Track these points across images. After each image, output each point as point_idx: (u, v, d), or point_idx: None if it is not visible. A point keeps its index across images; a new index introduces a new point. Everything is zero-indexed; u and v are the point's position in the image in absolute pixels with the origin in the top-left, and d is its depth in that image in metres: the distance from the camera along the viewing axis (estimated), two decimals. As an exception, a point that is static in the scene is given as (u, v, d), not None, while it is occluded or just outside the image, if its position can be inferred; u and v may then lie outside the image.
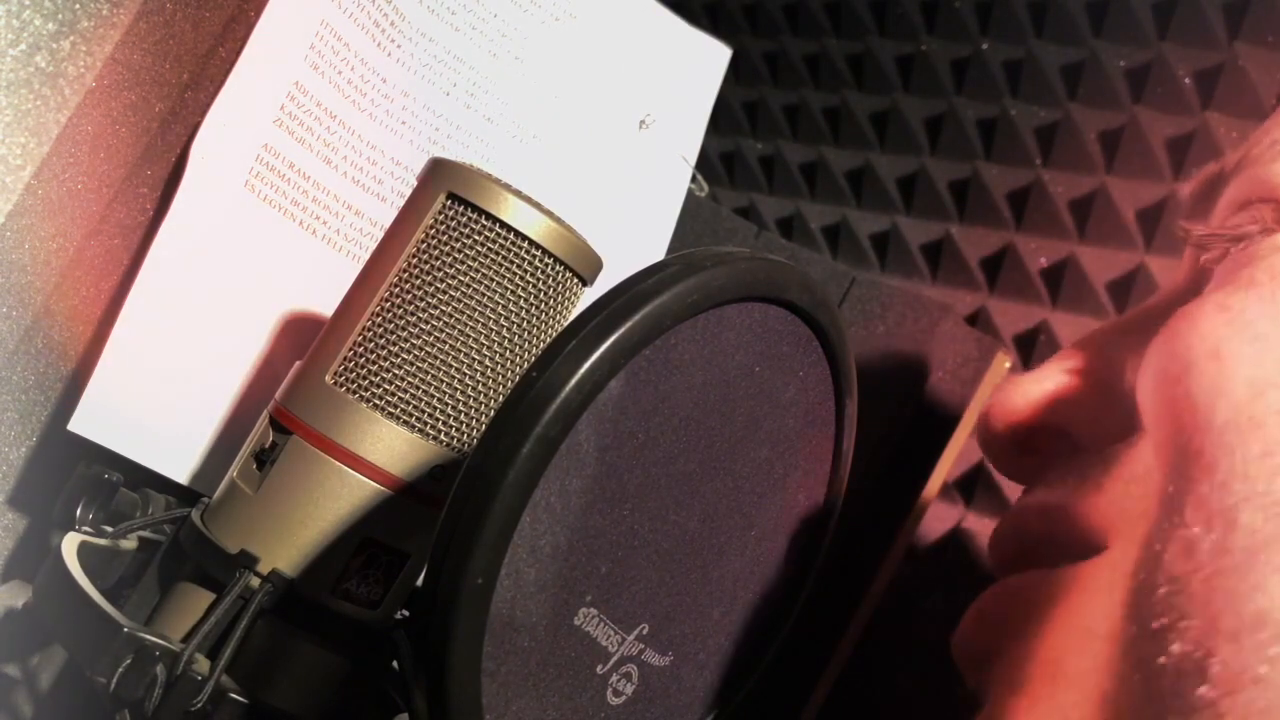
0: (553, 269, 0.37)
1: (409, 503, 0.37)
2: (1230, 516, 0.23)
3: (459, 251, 0.36)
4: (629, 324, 0.28)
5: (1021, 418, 0.33)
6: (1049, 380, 0.33)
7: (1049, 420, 0.33)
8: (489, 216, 0.36)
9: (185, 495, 0.45)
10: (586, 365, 0.27)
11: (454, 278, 0.36)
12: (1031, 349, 0.62)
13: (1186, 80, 0.59)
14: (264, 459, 0.37)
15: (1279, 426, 0.24)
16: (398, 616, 0.39)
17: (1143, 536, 0.26)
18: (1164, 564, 0.25)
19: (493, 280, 0.36)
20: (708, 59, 0.65)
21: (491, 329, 0.36)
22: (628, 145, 0.61)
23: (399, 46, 0.52)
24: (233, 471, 0.38)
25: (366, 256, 0.39)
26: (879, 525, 0.57)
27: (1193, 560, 0.24)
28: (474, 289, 0.36)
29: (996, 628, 0.31)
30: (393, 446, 0.36)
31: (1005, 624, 0.31)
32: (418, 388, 0.36)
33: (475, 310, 0.36)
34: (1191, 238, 0.31)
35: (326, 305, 0.40)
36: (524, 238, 0.36)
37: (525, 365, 0.37)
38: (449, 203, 0.37)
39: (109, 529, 0.40)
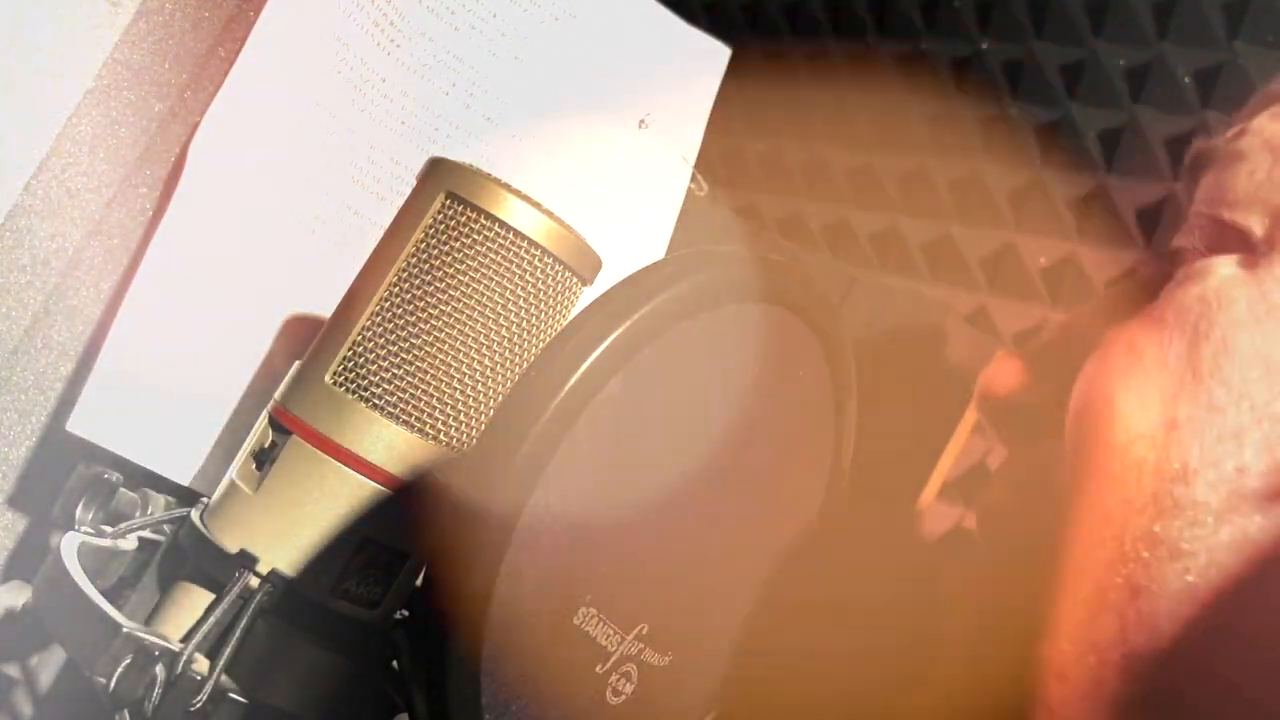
0: (552, 269, 0.37)
1: (409, 503, 0.36)
2: (1093, 551, 0.26)
3: (458, 251, 0.36)
4: (629, 324, 0.28)
5: (1002, 399, 0.35)
6: (1024, 369, 0.35)
7: (1018, 403, 0.35)
8: (488, 216, 0.36)
9: (185, 495, 0.45)
10: (586, 365, 0.27)
11: (453, 277, 0.36)
12: (1031, 349, 0.62)
13: (1186, 80, 0.59)
14: (263, 459, 0.37)
15: (1137, 477, 0.26)
16: (398, 616, 0.39)
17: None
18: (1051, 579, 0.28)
19: (492, 280, 0.36)
20: (707, 59, 0.65)
21: (491, 329, 0.36)
22: (627, 145, 0.61)
23: (399, 46, 0.52)
24: (232, 471, 0.38)
25: (366, 256, 0.39)
26: (879, 525, 0.57)
27: (1079, 591, 0.26)
28: (473, 289, 0.36)
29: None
30: (393, 446, 0.36)
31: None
32: (418, 388, 0.36)
33: (475, 310, 0.36)
34: (1143, 274, 0.33)
35: (326, 305, 0.40)
36: (524, 237, 0.36)
37: (525, 365, 0.37)
38: (448, 202, 0.37)
39: (109, 529, 0.40)
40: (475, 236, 0.36)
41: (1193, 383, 0.26)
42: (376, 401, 0.36)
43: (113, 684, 0.33)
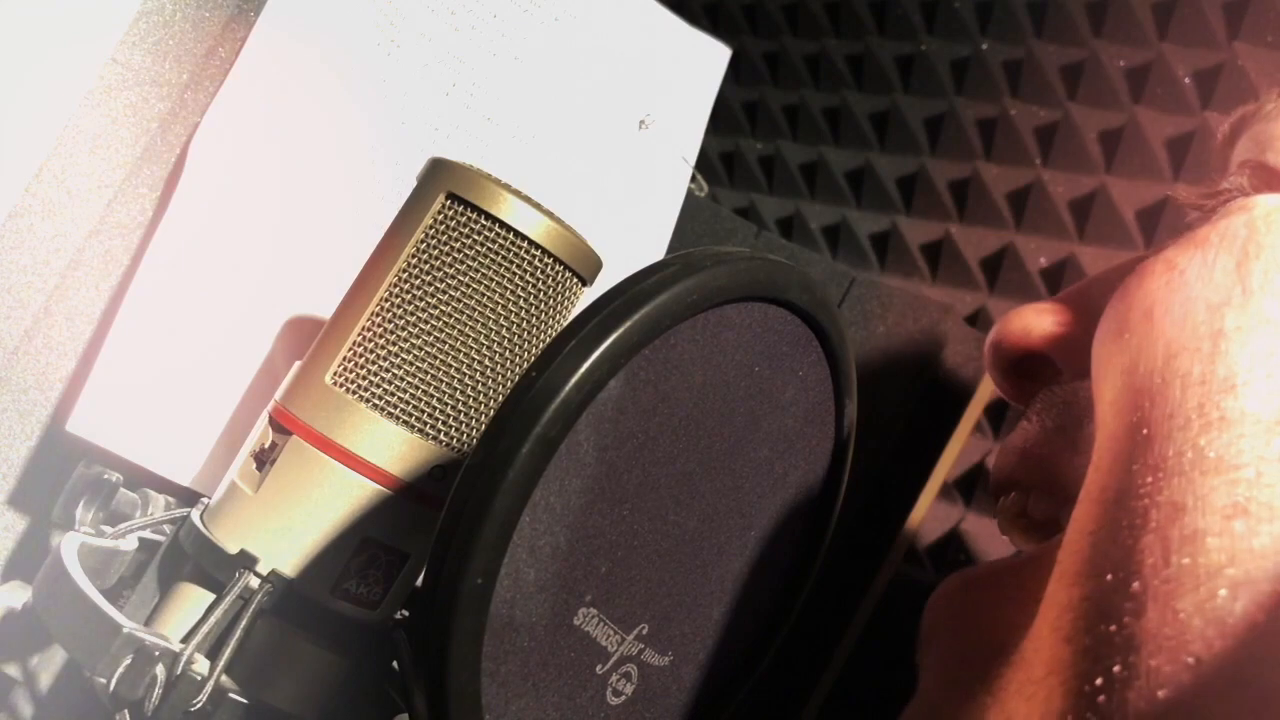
0: (553, 269, 0.37)
1: (409, 503, 0.36)
2: (1131, 478, 0.24)
3: (459, 251, 0.36)
4: (629, 324, 0.28)
5: (1017, 346, 0.34)
6: (1046, 314, 0.34)
7: (1039, 350, 0.34)
8: (489, 216, 0.36)
9: (185, 495, 0.45)
10: (586, 365, 0.27)
11: (454, 278, 0.36)
12: (1031, 349, 0.62)
13: (1186, 80, 0.59)
14: (264, 459, 0.37)
15: (1181, 389, 0.24)
16: (398, 616, 0.39)
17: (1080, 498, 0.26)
18: (1079, 524, 0.26)
19: (492, 280, 0.36)
20: (708, 59, 0.65)
21: (491, 329, 0.36)
22: (628, 145, 0.61)
23: (399, 46, 0.52)
24: (232, 472, 0.38)
25: (366, 257, 0.39)
26: (879, 525, 0.57)
27: (1106, 522, 0.25)
28: (474, 289, 0.36)
29: (947, 611, 0.32)
30: (393, 446, 0.36)
31: (956, 608, 0.32)
32: (418, 388, 0.36)
33: (475, 310, 0.36)
34: (1182, 200, 0.32)
35: (326, 305, 0.40)
36: (524, 238, 0.36)
37: (525, 365, 0.37)
38: (449, 202, 0.37)
39: (109, 529, 0.40)
40: (475, 237, 0.36)
41: (1242, 296, 0.25)
42: (376, 401, 0.36)
43: (113, 684, 0.33)
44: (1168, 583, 0.22)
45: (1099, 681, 0.23)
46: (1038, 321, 0.34)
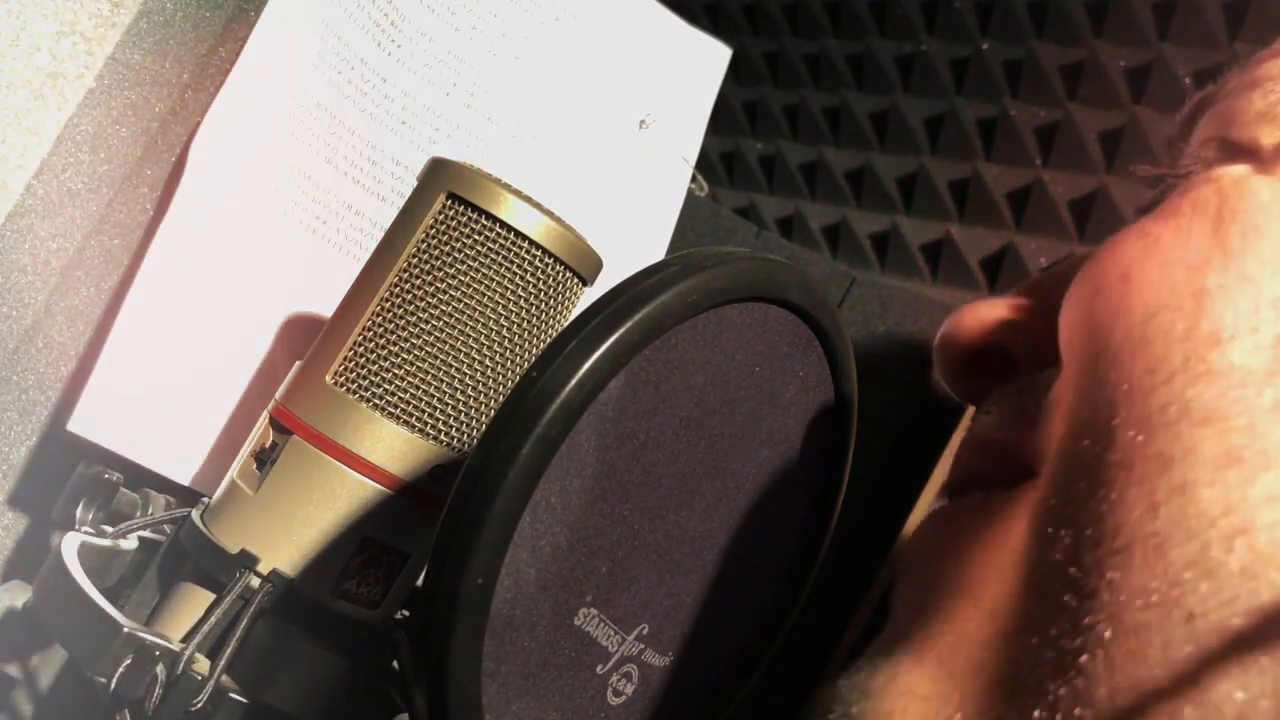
0: (553, 269, 0.37)
1: (409, 503, 0.36)
2: (1111, 433, 0.24)
3: (459, 251, 0.36)
4: (629, 324, 0.28)
5: (971, 338, 0.34)
6: (1000, 304, 0.33)
7: (995, 341, 0.33)
8: (489, 216, 0.36)
9: (185, 495, 0.45)
10: (587, 365, 0.27)
11: (454, 278, 0.36)
12: (1031, 349, 0.62)
13: (1186, 80, 0.59)
14: (264, 459, 0.37)
15: (1164, 345, 0.24)
16: (398, 616, 0.39)
17: (1053, 453, 0.26)
18: (1056, 479, 0.25)
19: (493, 280, 0.36)
20: (708, 59, 0.65)
21: (491, 329, 0.36)
22: (628, 145, 0.61)
23: (399, 46, 0.52)
24: (233, 471, 0.38)
25: (366, 256, 0.39)
26: (879, 525, 0.57)
27: (1084, 476, 0.24)
28: (474, 289, 0.36)
29: (920, 551, 0.32)
30: (393, 446, 0.36)
31: (928, 547, 0.31)
32: (418, 388, 0.36)
33: (475, 310, 0.36)
34: (1142, 175, 0.32)
35: (326, 305, 0.40)
36: (524, 238, 0.36)
37: (525, 365, 0.37)
38: (449, 203, 0.37)
39: (109, 529, 0.40)
40: (476, 237, 0.36)
41: (1222, 256, 0.25)
42: (377, 401, 0.36)
43: (113, 684, 0.33)
44: (1156, 535, 0.22)
45: (1079, 641, 0.22)
46: (990, 311, 0.33)
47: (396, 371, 0.36)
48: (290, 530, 0.36)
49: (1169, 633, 0.21)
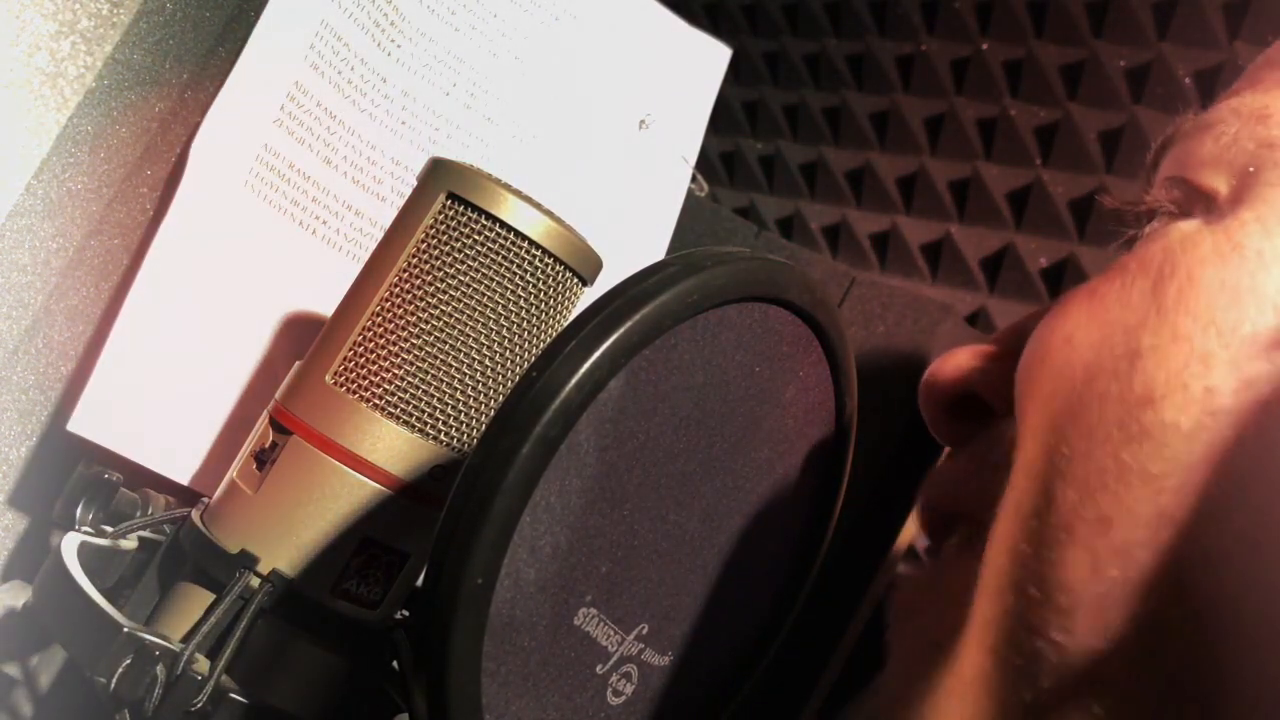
0: (553, 269, 0.37)
1: (409, 503, 0.36)
2: (1053, 496, 0.25)
3: (459, 251, 0.36)
4: (629, 324, 0.28)
5: (948, 385, 0.35)
6: (977, 352, 0.34)
7: (972, 389, 0.34)
8: (489, 216, 0.36)
9: (185, 495, 0.45)
10: (586, 365, 0.27)
11: (454, 278, 0.36)
12: (1031, 349, 0.62)
13: (1186, 80, 0.59)
14: (264, 459, 0.37)
15: (1100, 408, 0.25)
16: (398, 616, 0.39)
17: (1002, 513, 0.27)
18: (1004, 541, 0.26)
19: (493, 280, 0.36)
20: (708, 59, 0.65)
21: (491, 329, 0.36)
22: (628, 145, 0.61)
23: (399, 46, 0.52)
24: (233, 472, 0.38)
25: (366, 256, 0.39)
26: (879, 525, 0.57)
27: (1028, 539, 0.26)
28: (474, 289, 0.36)
29: (902, 603, 0.34)
30: (393, 446, 0.36)
31: (908, 602, 0.34)
32: (418, 388, 0.36)
33: (475, 310, 0.36)
34: (1106, 207, 0.33)
35: (326, 305, 0.40)
36: (524, 238, 0.36)
37: (525, 365, 0.37)
38: (449, 203, 0.37)
39: (109, 529, 0.40)
40: (476, 237, 0.36)
41: (1157, 316, 0.26)
42: (377, 401, 0.36)
43: (113, 684, 0.33)
44: (1099, 598, 0.23)
45: (1027, 697, 0.24)
46: (967, 359, 0.34)
47: (396, 371, 0.36)
48: (290, 530, 0.36)
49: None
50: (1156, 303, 0.26)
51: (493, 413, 0.36)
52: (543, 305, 0.37)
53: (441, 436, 0.36)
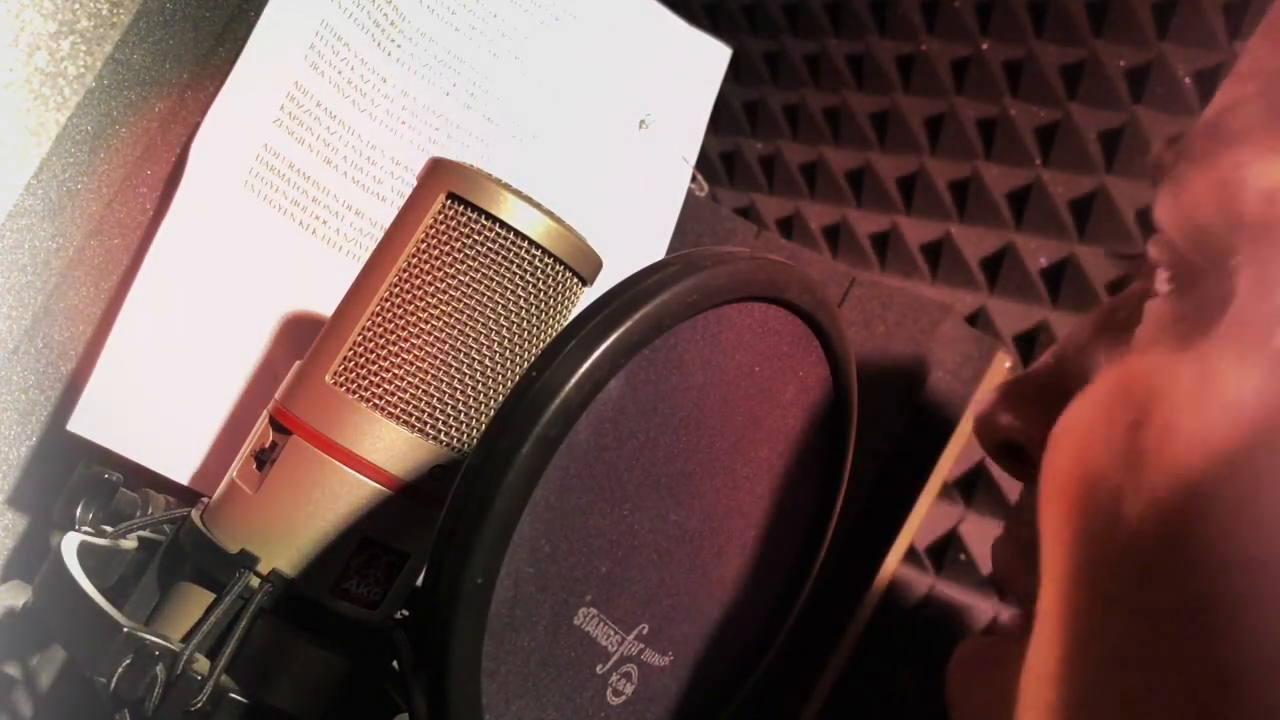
0: (553, 269, 0.37)
1: (409, 503, 0.36)
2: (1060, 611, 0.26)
3: (459, 251, 0.36)
4: (629, 324, 0.28)
5: (983, 441, 0.35)
6: (1009, 407, 0.35)
7: (1012, 436, 0.34)
8: (489, 216, 0.36)
9: (185, 495, 0.45)
10: (586, 365, 0.27)
11: (454, 278, 0.36)
12: (1031, 349, 0.62)
13: (1186, 80, 0.59)
14: (264, 459, 0.37)
15: (1084, 517, 0.26)
16: (398, 616, 0.39)
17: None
18: (1031, 641, 0.27)
19: (493, 280, 0.36)
20: (708, 59, 0.65)
21: (491, 329, 0.36)
22: (628, 145, 0.61)
23: (399, 46, 0.52)
24: (232, 471, 0.38)
25: (366, 256, 0.39)
26: (879, 525, 0.57)
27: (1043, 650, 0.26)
28: (474, 289, 0.36)
29: (959, 683, 0.34)
30: (393, 446, 0.36)
31: (964, 681, 0.34)
32: (418, 388, 0.36)
33: (475, 310, 0.36)
34: (1109, 257, 0.33)
35: (326, 305, 0.40)
36: (524, 238, 0.36)
37: (525, 365, 0.37)
38: (449, 202, 0.37)
39: (109, 529, 0.40)
40: (476, 237, 0.36)
41: (1138, 466, 0.26)
42: (377, 401, 0.36)
43: (113, 684, 0.33)
44: None
45: None
46: (1000, 417, 0.34)
47: (396, 371, 0.36)
48: (290, 530, 0.36)
49: None
50: (1136, 451, 0.26)
51: (493, 413, 0.36)
52: (542, 305, 0.37)
53: (441, 436, 0.36)
